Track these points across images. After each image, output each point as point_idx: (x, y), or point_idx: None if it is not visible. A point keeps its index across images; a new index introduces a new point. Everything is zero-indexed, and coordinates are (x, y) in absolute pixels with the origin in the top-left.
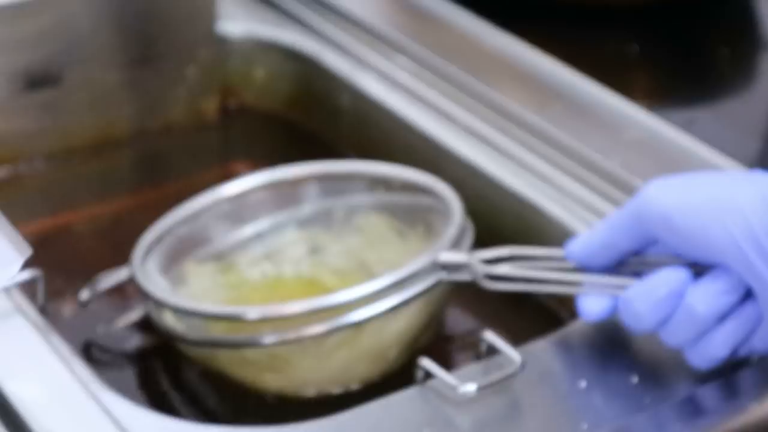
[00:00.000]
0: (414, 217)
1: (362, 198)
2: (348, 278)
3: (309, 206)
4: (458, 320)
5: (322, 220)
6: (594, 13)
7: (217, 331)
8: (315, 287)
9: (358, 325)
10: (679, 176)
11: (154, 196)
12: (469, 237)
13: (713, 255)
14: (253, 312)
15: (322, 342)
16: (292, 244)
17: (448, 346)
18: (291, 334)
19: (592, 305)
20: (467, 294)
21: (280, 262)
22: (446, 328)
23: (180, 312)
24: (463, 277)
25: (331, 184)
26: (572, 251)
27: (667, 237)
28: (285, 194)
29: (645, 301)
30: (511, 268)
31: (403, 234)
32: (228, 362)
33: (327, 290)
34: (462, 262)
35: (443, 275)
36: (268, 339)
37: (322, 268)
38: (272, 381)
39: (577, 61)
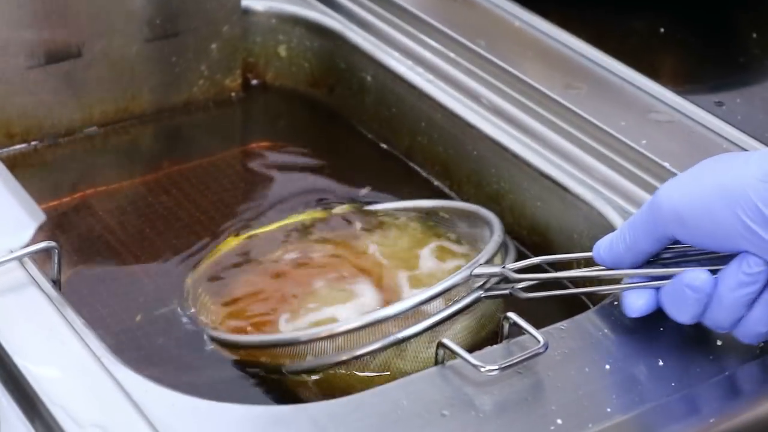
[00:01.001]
0: (467, 244)
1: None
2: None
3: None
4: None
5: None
6: None
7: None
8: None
9: (397, 348)
10: (689, 171)
11: (175, 173)
12: (512, 255)
13: (729, 244)
14: (297, 335)
15: (365, 366)
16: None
17: None
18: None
19: (635, 301)
20: None
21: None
22: None
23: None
24: (500, 291)
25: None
26: (600, 256)
27: (684, 235)
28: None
29: (674, 303)
30: (545, 275)
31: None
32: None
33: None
34: (496, 273)
35: (481, 293)
36: (307, 365)
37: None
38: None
39: (603, 42)
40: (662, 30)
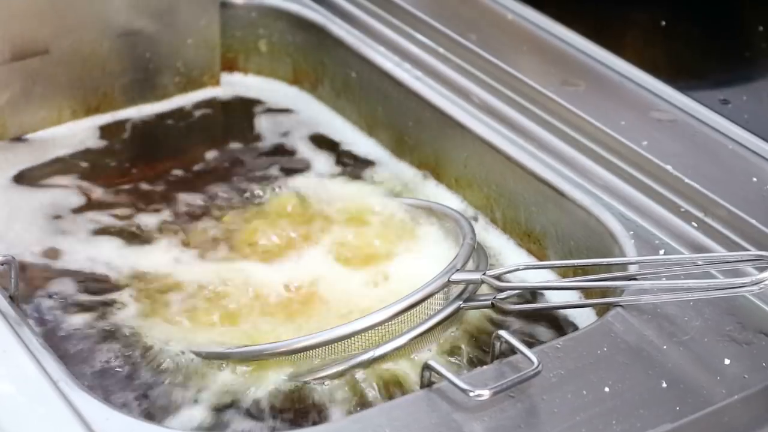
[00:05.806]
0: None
1: None
2: None
3: None
4: (471, 317)
5: None
6: None
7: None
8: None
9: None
10: None
11: (150, 175)
12: (484, 261)
13: None
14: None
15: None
16: None
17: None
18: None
19: None
20: None
21: None
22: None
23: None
24: (481, 301)
25: None
26: None
27: None
28: None
29: None
30: (530, 285)
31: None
32: None
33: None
34: (475, 280)
35: (460, 303)
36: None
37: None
38: None
39: (602, 36)
40: (664, 23)
